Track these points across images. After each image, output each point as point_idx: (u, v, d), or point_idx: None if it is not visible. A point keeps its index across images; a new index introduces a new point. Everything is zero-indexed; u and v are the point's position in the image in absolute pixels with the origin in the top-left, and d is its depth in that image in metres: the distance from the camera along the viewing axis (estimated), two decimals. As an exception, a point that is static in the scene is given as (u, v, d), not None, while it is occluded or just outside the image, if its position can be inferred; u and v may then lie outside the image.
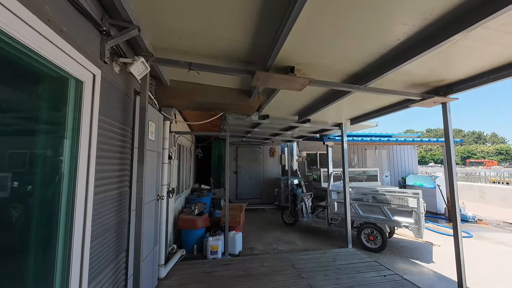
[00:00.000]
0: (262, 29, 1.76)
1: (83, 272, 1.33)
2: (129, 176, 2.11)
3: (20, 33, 0.93)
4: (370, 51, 2.02)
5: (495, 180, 12.79)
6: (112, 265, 1.80)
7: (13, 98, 1.05)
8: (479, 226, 6.43)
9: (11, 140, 1.06)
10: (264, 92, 3.24)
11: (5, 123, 1.04)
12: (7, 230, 0.99)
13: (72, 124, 1.32)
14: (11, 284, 1.00)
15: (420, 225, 4.17)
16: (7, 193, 0.99)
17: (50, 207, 1.20)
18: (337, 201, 5.24)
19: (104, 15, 1.59)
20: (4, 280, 0.97)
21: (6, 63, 0.98)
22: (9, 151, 1.03)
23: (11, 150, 1.04)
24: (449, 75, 2.44)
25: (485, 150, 60.91)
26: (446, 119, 2.76)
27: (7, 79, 1.01)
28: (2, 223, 0.97)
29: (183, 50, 2.18)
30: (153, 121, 2.66)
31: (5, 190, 0.98)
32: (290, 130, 5.83)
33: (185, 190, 6.04)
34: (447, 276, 3.61)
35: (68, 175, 1.28)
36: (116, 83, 1.85)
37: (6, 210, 0.98)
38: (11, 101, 1.04)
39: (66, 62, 1.20)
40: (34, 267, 1.12)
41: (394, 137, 9.14)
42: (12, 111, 1.06)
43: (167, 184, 3.37)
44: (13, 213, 1.02)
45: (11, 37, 0.90)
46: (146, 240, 2.50)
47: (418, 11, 1.50)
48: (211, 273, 3.37)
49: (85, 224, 1.36)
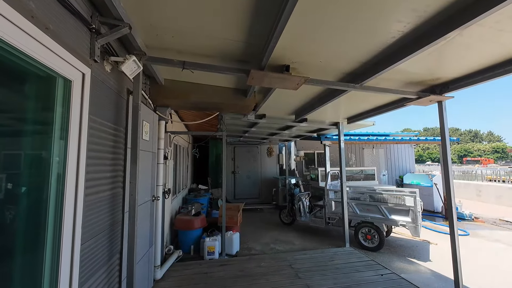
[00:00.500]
0: (255, 27, 1.73)
1: (73, 275, 1.30)
2: (122, 176, 2.08)
3: (2, 30, 0.90)
4: (365, 49, 2.00)
5: (492, 178, 12.88)
6: (105, 268, 1.76)
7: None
8: (475, 224, 6.46)
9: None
10: (260, 91, 3.21)
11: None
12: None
13: (61, 123, 1.28)
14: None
15: (417, 223, 4.18)
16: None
17: (37, 209, 1.17)
18: (335, 200, 5.23)
19: (94, 12, 1.56)
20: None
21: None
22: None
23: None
24: (444, 74, 2.43)
25: (482, 148, 61.40)
26: (442, 118, 2.75)
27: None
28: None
29: (176, 49, 2.15)
30: (147, 121, 2.63)
31: None
32: (288, 130, 5.81)
33: (182, 190, 6.00)
34: (444, 275, 3.61)
35: (57, 175, 1.25)
36: (108, 82, 1.82)
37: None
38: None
39: (52, 60, 1.17)
40: (20, 271, 1.08)
41: (391, 136, 9.18)
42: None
43: (162, 185, 3.33)
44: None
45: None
46: (141, 241, 2.47)
47: (412, 9, 1.48)
48: (208, 274, 3.35)
49: (74, 226, 1.32)
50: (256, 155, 9.46)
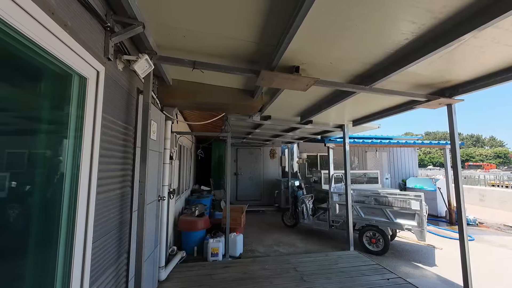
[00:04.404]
0: (269, 27, 1.73)
1: (85, 274, 1.29)
2: (131, 176, 2.07)
3: (24, 25, 0.89)
4: (377, 51, 1.99)
5: (495, 183, 12.79)
6: (114, 267, 1.75)
7: (16, 95, 1.01)
8: (480, 229, 6.40)
9: (14, 139, 1.02)
10: (268, 92, 3.21)
11: (8, 122, 1.00)
12: (8, 231, 0.94)
13: (76, 121, 1.28)
14: (11, 285, 0.96)
15: (423, 228, 4.14)
16: (5, 193, 0.94)
17: (52, 207, 1.16)
18: (339, 203, 5.20)
19: (108, 11, 1.56)
20: (4, 281, 0.93)
21: (10, 57, 0.94)
22: (12, 150, 0.99)
23: (14, 149, 1.00)
24: (455, 76, 2.42)
25: (484, 153, 61.07)
26: (451, 121, 2.73)
27: (12, 74, 0.97)
28: (2, 224, 0.92)
29: (187, 49, 2.15)
30: (155, 120, 2.62)
31: (3, 190, 0.93)
32: (291, 132, 5.80)
33: (185, 191, 5.98)
34: (451, 280, 3.57)
35: (71, 173, 1.24)
36: (120, 81, 1.81)
37: (5, 210, 0.94)
38: (14, 98, 1.01)
39: (70, 57, 1.17)
40: (34, 269, 1.07)
41: (395, 139, 9.14)
42: (16, 109, 1.02)
43: (168, 185, 3.32)
44: (13, 213, 0.97)
45: (14, 28, 0.87)
46: (147, 241, 2.45)
47: (428, 10, 1.47)
48: (212, 275, 3.32)
49: (87, 225, 1.31)
50: (258, 156, 9.44)
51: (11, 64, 0.97)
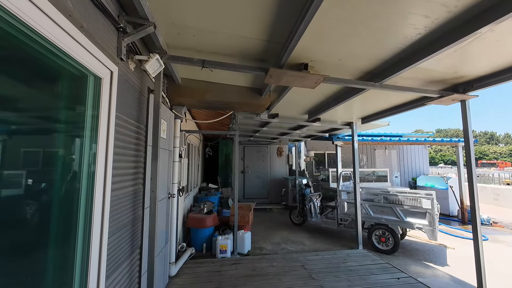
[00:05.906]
0: (278, 24, 1.72)
1: (101, 268, 1.33)
2: (142, 173, 2.11)
3: (43, 27, 0.93)
4: (388, 47, 1.96)
5: (510, 182, 12.35)
6: (127, 262, 1.80)
7: (36, 95, 1.05)
8: (494, 229, 6.21)
9: (35, 138, 1.07)
10: (276, 90, 3.20)
11: (29, 122, 1.04)
12: (31, 226, 0.99)
13: (91, 120, 1.32)
14: (33, 277, 1.01)
15: (435, 227, 4.06)
16: (24, 190, 0.97)
17: (70, 203, 1.21)
18: (347, 201, 5.15)
19: (121, 12, 1.59)
20: (28, 274, 0.97)
21: (30, 59, 0.98)
22: (32, 149, 1.04)
23: (34, 148, 1.05)
24: (469, 72, 2.35)
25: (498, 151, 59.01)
26: (465, 118, 2.66)
27: (32, 76, 1.01)
28: (25, 221, 0.97)
29: (196, 48, 2.17)
30: (165, 119, 2.67)
31: (19, 187, 0.95)
32: (299, 129, 5.77)
33: (194, 189, 6.06)
34: (463, 280, 3.49)
35: (87, 170, 1.28)
36: (132, 80, 1.85)
37: (25, 208, 0.98)
38: (34, 98, 1.05)
39: (86, 58, 1.20)
40: (55, 262, 1.12)
41: (405, 136, 8.95)
42: (35, 108, 1.07)
43: (177, 182, 3.37)
44: (33, 209, 1.02)
45: (35, 30, 0.90)
46: (159, 238, 2.51)
47: (442, 3, 1.43)
48: (221, 272, 3.36)
49: (103, 220, 1.36)
50: (265, 155, 9.45)
51: (31, 65, 1.01)
